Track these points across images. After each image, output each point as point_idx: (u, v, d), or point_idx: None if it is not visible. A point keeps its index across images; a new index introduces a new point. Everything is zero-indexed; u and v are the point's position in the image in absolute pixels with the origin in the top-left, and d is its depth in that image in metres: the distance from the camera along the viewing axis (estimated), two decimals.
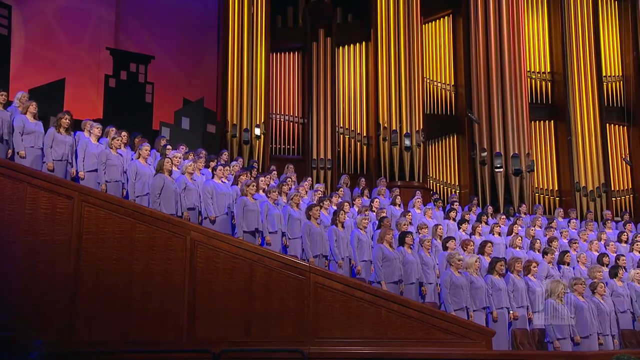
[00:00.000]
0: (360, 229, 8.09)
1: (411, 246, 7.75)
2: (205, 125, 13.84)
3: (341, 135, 15.79)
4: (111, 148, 7.78)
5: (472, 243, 8.36)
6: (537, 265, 8.04)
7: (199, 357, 6.03)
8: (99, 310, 6.57)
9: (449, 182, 16.21)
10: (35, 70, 13.33)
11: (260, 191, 8.51)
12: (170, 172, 7.56)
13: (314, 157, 15.24)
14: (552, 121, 16.94)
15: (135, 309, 6.55)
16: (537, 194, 16.20)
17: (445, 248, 8.04)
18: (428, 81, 16.43)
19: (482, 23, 16.04)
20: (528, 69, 16.79)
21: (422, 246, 7.99)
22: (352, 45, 16.28)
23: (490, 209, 12.78)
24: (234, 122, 14.50)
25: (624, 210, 16.09)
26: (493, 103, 15.60)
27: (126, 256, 6.63)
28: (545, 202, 16.13)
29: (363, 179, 12.87)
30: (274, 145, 15.38)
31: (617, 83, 17.68)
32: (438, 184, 16.07)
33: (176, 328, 6.47)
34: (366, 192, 11.94)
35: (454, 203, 12.30)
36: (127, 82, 13.03)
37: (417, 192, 12.77)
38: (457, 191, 16.02)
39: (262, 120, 14.77)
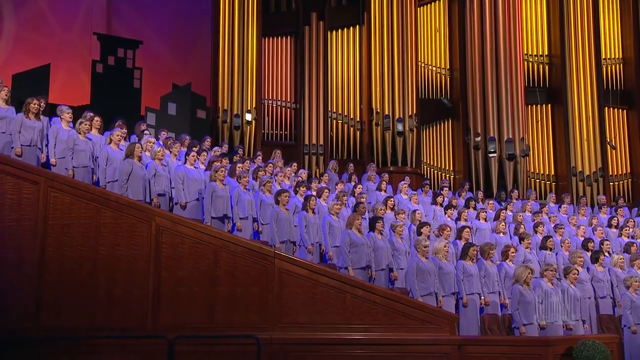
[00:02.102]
0: (333, 215, 8.02)
1: (381, 232, 7.66)
2: (194, 111, 13.77)
3: (334, 121, 15.67)
4: (79, 133, 7.73)
5: (448, 228, 8.27)
6: (516, 250, 7.94)
7: (155, 343, 6.00)
8: (65, 297, 6.53)
9: (443, 167, 16.08)
10: (27, 57, 13.31)
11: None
12: (140, 158, 7.50)
13: (306, 142, 15.15)
14: (549, 105, 16.73)
15: (101, 295, 6.51)
16: (532, 179, 16.05)
17: (419, 234, 7.95)
18: (423, 65, 16.26)
19: (477, 5, 15.85)
20: (525, 52, 16.59)
21: (394, 232, 7.91)
22: (345, 29, 16.12)
23: (480, 194, 12.67)
24: (225, 107, 14.43)
25: (622, 195, 15.92)
26: (487, 87, 15.46)
27: (92, 242, 6.58)
28: (541, 187, 15.98)
29: (351, 164, 12.81)
30: (265, 131, 15.30)
31: (617, 65, 17.42)
32: (432, 169, 15.95)
33: (141, 314, 6.43)
34: (354, 177, 11.84)
35: (443, 188, 12.18)
36: (115, 68, 12.96)
37: (406, 177, 12.68)
38: (452, 176, 15.90)
39: (254, 106, 14.69)
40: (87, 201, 6.67)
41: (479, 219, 10.36)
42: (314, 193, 8.83)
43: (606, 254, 9.52)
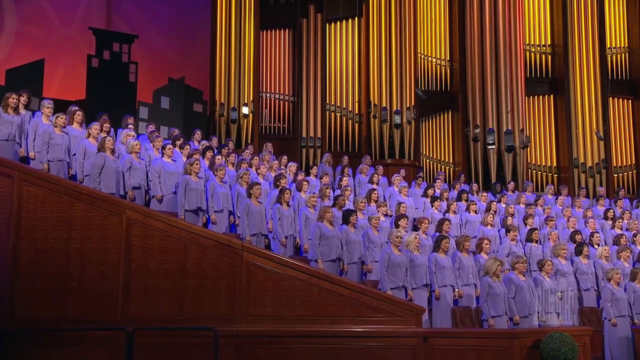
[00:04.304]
0: (309, 207, 8.00)
1: (355, 225, 7.64)
2: (189, 104, 13.80)
3: (332, 113, 15.61)
4: (55, 127, 7.78)
5: (426, 221, 8.21)
6: (490, 242, 7.87)
7: (110, 335, 6.06)
8: (38, 289, 6.59)
9: (442, 159, 15.94)
10: (27, 52, 13.45)
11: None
12: (113, 151, 7.54)
13: (304, 135, 15.11)
14: (552, 96, 16.51)
15: (73, 288, 6.56)
16: (534, 171, 15.87)
17: (397, 226, 7.90)
18: (422, 57, 16.12)
19: None
20: (527, 42, 16.40)
21: (370, 224, 7.87)
22: (343, 20, 16.01)
23: (475, 186, 12.57)
24: (222, 100, 14.45)
25: (625, 186, 15.72)
26: (487, 78, 15.28)
27: (64, 235, 6.64)
28: (542, 179, 15.80)
29: (346, 157, 12.75)
30: (263, 124, 15.28)
31: (623, 55, 17.13)
32: (431, 162, 15.83)
33: (111, 306, 6.48)
34: (347, 170, 11.79)
35: (437, 180, 12.11)
36: (111, 62, 13.03)
37: (401, 169, 12.62)
38: (451, 169, 15.79)
39: (251, 99, 14.69)
40: (59, 195, 6.72)
41: (469, 212, 10.29)
42: (296, 185, 8.81)
43: (596, 246, 9.41)
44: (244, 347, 6.23)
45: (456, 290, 7.38)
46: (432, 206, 10.06)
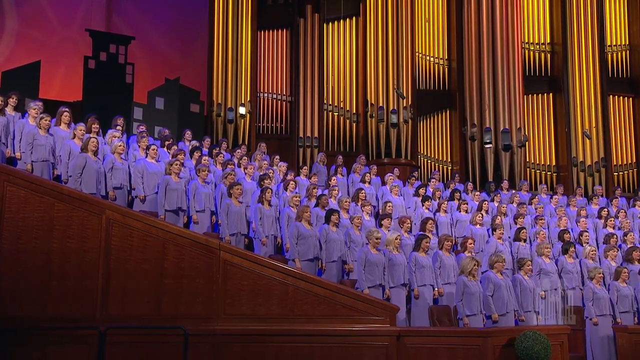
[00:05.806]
0: (292, 207, 8.03)
1: (337, 224, 7.66)
2: (185, 105, 13.87)
3: (330, 113, 15.63)
4: (39, 128, 7.86)
5: (408, 220, 8.22)
6: (474, 241, 7.87)
7: (88, 334, 6.12)
8: (20, 289, 6.68)
9: (440, 158, 15.92)
10: (28, 54, 13.59)
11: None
12: (96, 152, 7.61)
13: (301, 135, 15.15)
14: (551, 94, 16.44)
15: (53, 287, 6.63)
16: (532, 170, 15.81)
17: (380, 225, 7.92)
18: (420, 56, 16.10)
19: None
20: (526, 41, 16.34)
21: (352, 223, 7.90)
22: (340, 20, 16.04)
23: (470, 186, 12.54)
24: (219, 101, 14.52)
25: (624, 185, 15.63)
26: (484, 77, 15.25)
27: (46, 235, 6.70)
28: (541, 177, 15.73)
29: (340, 157, 12.79)
30: (261, 124, 15.33)
31: (623, 52, 17.02)
32: (429, 161, 15.81)
33: (90, 305, 6.54)
34: (340, 169, 11.81)
35: (431, 180, 12.10)
36: (107, 63, 13.12)
37: (395, 169, 12.62)
38: (449, 168, 15.77)
39: (249, 99, 14.74)
40: (41, 195, 6.80)
41: (460, 211, 10.28)
42: (283, 185, 8.84)
43: (585, 245, 9.38)
44: (221, 345, 6.27)
45: (436, 289, 7.39)
46: (423, 205, 10.06)
